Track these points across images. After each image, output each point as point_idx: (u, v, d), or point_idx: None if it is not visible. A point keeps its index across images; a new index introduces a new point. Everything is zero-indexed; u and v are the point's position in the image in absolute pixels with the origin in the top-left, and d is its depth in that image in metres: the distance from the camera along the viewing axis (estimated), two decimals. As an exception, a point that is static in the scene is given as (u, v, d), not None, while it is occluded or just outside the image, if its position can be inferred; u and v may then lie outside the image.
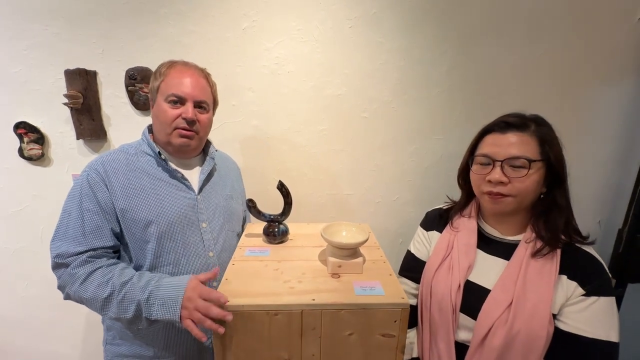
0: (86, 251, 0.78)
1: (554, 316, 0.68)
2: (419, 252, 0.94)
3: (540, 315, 0.66)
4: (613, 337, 0.65)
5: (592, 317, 0.65)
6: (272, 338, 0.65)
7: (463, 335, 0.75)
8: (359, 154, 1.34)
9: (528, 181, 0.69)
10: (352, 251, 0.78)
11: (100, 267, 0.77)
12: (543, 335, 0.65)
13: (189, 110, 0.85)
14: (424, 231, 0.94)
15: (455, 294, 0.75)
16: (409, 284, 0.93)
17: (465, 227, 0.83)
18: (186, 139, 0.88)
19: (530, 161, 0.68)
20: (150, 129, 0.94)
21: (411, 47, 1.23)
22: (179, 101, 0.85)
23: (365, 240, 0.76)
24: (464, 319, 0.75)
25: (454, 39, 1.22)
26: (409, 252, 0.96)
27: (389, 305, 0.65)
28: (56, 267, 0.78)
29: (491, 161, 0.72)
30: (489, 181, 0.72)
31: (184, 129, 0.87)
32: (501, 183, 0.70)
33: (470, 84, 1.27)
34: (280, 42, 1.22)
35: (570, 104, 1.28)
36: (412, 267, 0.93)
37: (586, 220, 1.39)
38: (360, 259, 0.76)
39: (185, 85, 0.86)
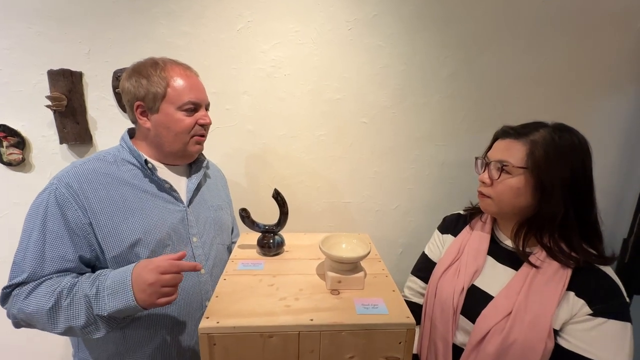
0: (40, 277, 0.69)
1: (556, 332, 0.66)
2: (432, 253, 0.94)
3: (539, 328, 0.64)
4: None
5: (599, 338, 0.63)
6: (266, 363, 0.59)
7: (461, 338, 0.76)
8: (358, 160, 1.29)
9: (502, 185, 0.72)
10: (352, 265, 0.72)
11: (45, 281, 0.69)
12: (540, 348, 0.63)
13: (207, 115, 0.84)
14: (440, 234, 0.95)
15: (458, 296, 0.75)
16: (418, 283, 0.94)
17: (478, 232, 0.83)
18: (201, 145, 0.86)
19: (502, 164, 0.71)
20: (131, 133, 0.86)
21: (412, 52, 1.20)
22: (194, 108, 0.81)
23: (367, 254, 0.71)
24: (463, 321, 0.75)
25: (456, 45, 1.20)
26: (423, 253, 0.98)
27: (393, 326, 0.60)
28: (3, 298, 0.70)
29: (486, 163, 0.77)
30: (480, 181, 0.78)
31: (201, 135, 0.84)
32: (483, 183, 0.75)
33: (472, 90, 1.24)
34: (277, 44, 1.18)
35: (573, 113, 1.26)
36: (423, 267, 0.94)
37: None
38: (361, 274, 0.71)
39: (198, 89, 0.82)
